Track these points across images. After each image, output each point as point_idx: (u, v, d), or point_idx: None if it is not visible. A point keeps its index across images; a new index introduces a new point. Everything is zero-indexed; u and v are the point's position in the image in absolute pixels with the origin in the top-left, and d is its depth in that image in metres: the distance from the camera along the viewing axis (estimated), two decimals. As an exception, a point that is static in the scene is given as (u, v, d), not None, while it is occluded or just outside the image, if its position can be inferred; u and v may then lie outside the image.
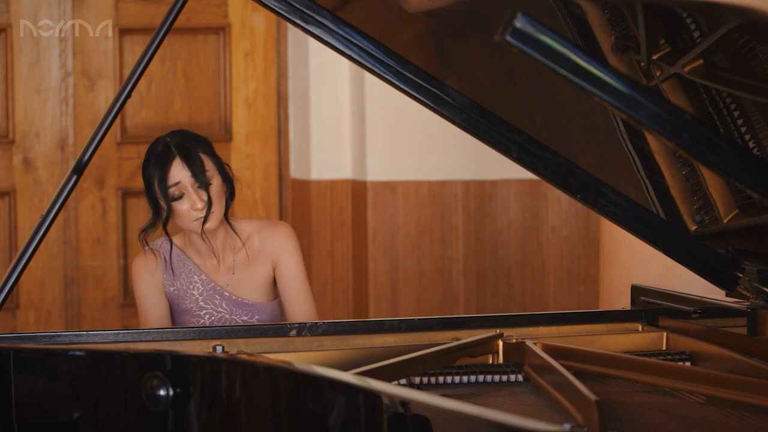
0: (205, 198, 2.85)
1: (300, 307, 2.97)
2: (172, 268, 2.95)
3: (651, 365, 2.24)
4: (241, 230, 2.97)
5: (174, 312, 2.99)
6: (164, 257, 2.96)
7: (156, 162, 2.85)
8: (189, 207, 2.84)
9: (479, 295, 4.81)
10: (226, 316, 2.93)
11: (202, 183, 2.85)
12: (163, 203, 2.86)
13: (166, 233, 2.92)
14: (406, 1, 2.53)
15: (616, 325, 2.62)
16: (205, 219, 2.85)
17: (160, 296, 2.95)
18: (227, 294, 2.93)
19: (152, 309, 2.95)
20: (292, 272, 2.98)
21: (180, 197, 2.84)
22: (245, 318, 2.94)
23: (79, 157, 2.54)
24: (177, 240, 2.99)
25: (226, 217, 2.94)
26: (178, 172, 2.84)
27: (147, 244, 2.97)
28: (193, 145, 2.87)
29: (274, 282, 3.02)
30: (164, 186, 2.83)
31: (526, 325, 2.55)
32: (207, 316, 2.93)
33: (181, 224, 2.89)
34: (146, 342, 2.42)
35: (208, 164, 2.87)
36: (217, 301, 2.94)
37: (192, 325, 2.92)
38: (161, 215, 2.90)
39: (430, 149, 4.75)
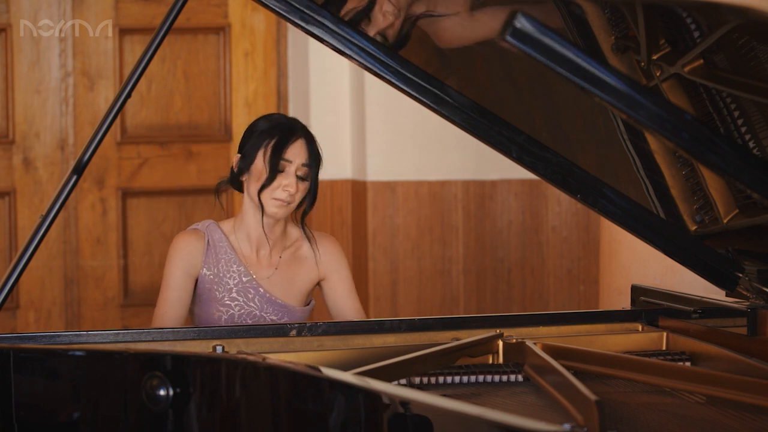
0: (301, 188, 2.85)
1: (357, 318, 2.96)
2: (213, 252, 2.92)
3: (651, 365, 2.24)
4: (293, 233, 2.98)
5: (201, 301, 2.93)
6: (208, 240, 2.93)
7: (280, 128, 2.86)
8: (281, 185, 2.84)
9: (479, 295, 4.81)
10: (256, 312, 2.91)
11: (307, 175, 2.87)
12: (265, 167, 2.84)
13: (259, 199, 2.87)
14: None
15: (616, 325, 2.62)
16: (297, 207, 2.88)
17: (188, 282, 2.91)
18: (262, 290, 2.91)
19: (175, 292, 2.89)
20: (347, 287, 2.99)
21: (281, 171, 2.84)
22: (274, 318, 2.91)
23: (79, 157, 2.54)
24: (225, 226, 2.97)
25: (302, 221, 2.96)
26: (296, 152, 2.84)
27: (218, 197, 2.97)
28: (313, 138, 2.90)
29: (311, 290, 3.01)
30: (279, 154, 2.83)
31: (526, 325, 2.55)
32: (237, 308, 2.90)
33: (262, 197, 2.86)
34: (146, 342, 2.42)
35: (316, 162, 2.89)
36: (250, 295, 2.91)
37: (218, 317, 2.90)
38: (243, 175, 2.89)
39: (430, 149, 4.74)
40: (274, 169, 2.84)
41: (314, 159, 2.87)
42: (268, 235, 2.94)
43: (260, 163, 2.85)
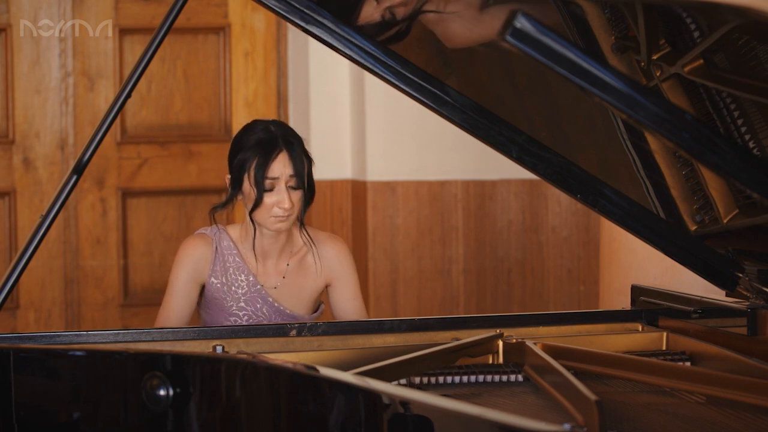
0: (296, 199, 2.80)
1: None
2: (221, 260, 2.88)
3: (651, 365, 2.24)
4: (299, 238, 2.92)
5: (210, 308, 2.92)
6: (216, 247, 2.89)
7: (259, 147, 2.78)
8: (274, 202, 2.79)
9: (479, 295, 4.81)
10: (265, 321, 2.88)
11: (299, 184, 2.80)
12: (252, 189, 2.79)
13: (251, 220, 2.83)
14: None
15: (616, 325, 2.62)
16: (300, 217, 2.82)
17: (193, 289, 2.88)
18: (270, 300, 2.88)
19: (179, 299, 2.87)
20: (353, 292, 2.95)
21: (270, 190, 2.79)
22: None
23: (79, 157, 2.54)
24: (233, 232, 2.93)
25: (301, 221, 2.88)
26: (280, 167, 2.78)
27: (214, 219, 2.90)
28: (297, 141, 2.83)
29: (319, 296, 2.98)
30: (262, 174, 2.76)
31: (526, 325, 2.55)
32: (245, 317, 2.87)
33: (258, 217, 2.82)
34: (146, 342, 2.42)
35: (306, 166, 2.82)
36: (258, 305, 2.88)
37: (227, 325, 2.87)
38: (236, 198, 2.84)
39: (430, 149, 4.74)
40: (262, 191, 2.78)
41: (301, 165, 2.80)
42: (272, 246, 2.90)
43: (248, 186, 2.80)
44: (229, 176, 2.85)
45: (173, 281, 2.90)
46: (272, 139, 2.80)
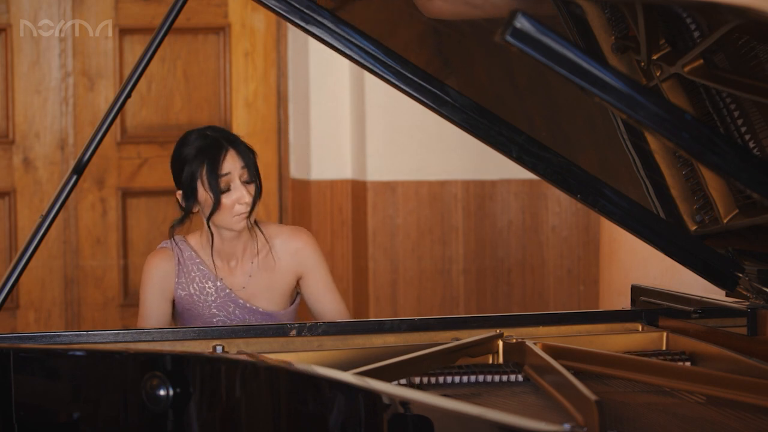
0: (253, 192, 2.80)
1: (337, 315, 2.92)
2: (185, 271, 2.88)
3: (651, 365, 2.24)
4: (262, 235, 2.91)
5: (184, 320, 2.91)
6: (178, 259, 2.89)
7: (203, 153, 2.79)
8: (234, 200, 2.79)
9: (479, 295, 4.81)
10: (237, 323, 2.87)
11: (252, 176, 2.81)
12: (209, 195, 2.79)
13: (209, 227, 2.82)
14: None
15: (616, 325, 2.62)
16: (250, 213, 2.81)
17: (163, 306, 2.88)
18: (242, 301, 2.87)
19: (152, 320, 2.88)
20: (325, 284, 2.93)
21: (227, 190, 2.79)
22: None
23: (79, 157, 2.54)
24: (193, 240, 2.92)
25: (255, 222, 2.88)
26: (230, 163, 2.79)
27: (173, 237, 2.90)
28: (237, 138, 2.84)
29: (293, 290, 2.96)
30: (216, 176, 2.77)
31: (526, 325, 2.55)
32: (220, 323, 2.87)
33: (220, 220, 2.82)
34: (146, 342, 2.42)
35: (250, 157, 2.83)
36: (230, 308, 2.88)
37: (227, 325, 2.86)
38: (192, 210, 2.84)
39: (430, 149, 4.74)
40: (218, 192, 2.77)
41: (249, 158, 2.82)
42: (234, 247, 2.88)
43: (203, 193, 2.80)
44: (180, 192, 2.85)
45: (143, 302, 2.90)
46: (214, 141, 2.81)
